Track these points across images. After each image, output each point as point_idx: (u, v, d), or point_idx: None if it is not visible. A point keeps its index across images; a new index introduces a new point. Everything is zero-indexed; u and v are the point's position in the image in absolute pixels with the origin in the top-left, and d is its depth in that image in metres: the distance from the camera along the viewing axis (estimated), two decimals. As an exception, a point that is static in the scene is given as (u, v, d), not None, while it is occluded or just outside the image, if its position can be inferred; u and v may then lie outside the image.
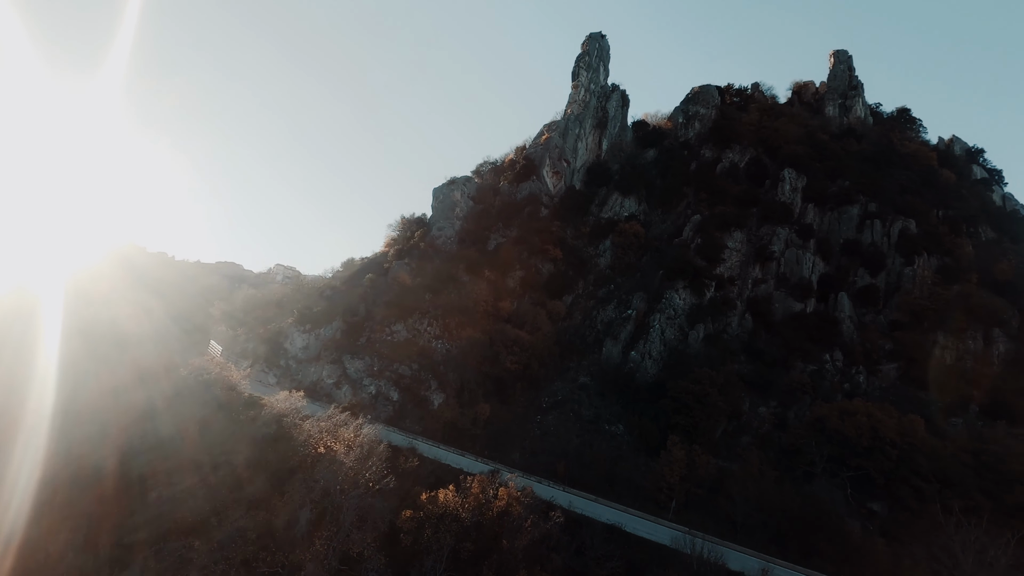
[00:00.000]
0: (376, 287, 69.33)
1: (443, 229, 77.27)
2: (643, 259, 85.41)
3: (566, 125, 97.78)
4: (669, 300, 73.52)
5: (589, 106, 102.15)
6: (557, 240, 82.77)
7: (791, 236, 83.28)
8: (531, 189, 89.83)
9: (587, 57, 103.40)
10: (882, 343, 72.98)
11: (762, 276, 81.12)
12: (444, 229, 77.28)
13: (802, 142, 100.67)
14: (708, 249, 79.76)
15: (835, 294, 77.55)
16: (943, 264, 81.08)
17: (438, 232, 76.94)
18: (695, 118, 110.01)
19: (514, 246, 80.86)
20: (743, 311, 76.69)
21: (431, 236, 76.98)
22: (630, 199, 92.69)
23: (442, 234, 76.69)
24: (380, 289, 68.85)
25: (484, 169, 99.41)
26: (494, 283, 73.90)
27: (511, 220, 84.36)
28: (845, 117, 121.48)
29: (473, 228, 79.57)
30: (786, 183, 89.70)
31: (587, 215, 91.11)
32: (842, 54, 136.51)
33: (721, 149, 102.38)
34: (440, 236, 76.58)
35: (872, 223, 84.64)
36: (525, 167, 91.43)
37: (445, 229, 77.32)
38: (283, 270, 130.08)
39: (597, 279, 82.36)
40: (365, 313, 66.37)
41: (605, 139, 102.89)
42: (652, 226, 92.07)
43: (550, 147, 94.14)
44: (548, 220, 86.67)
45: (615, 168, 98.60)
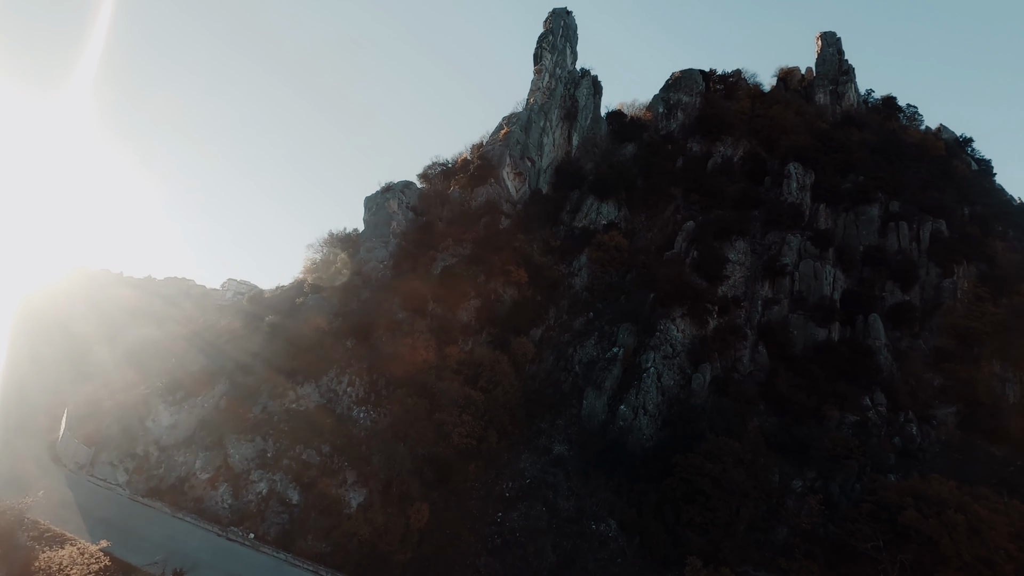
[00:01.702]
0: (280, 333, 51.84)
1: (374, 250, 60.00)
2: (627, 277, 69.63)
3: (529, 117, 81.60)
4: (664, 332, 57.86)
5: (555, 94, 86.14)
6: (522, 258, 66.40)
7: (805, 244, 68.61)
8: (489, 195, 73.34)
9: (551, 37, 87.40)
10: (928, 377, 58.73)
11: (773, 295, 66.20)
12: (376, 250, 60.03)
13: (801, 132, 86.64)
14: (707, 264, 64.44)
15: (864, 316, 63.07)
16: (983, 273, 67.58)
17: (368, 254, 59.63)
18: (677, 107, 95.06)
19: (467, 268, 64.14)
20: (755, 341, 61.56)
21: (359, 259, 59.58)
22: (608, 204, 76.95)
23: (373, 256, 59.41)
24: (286, 335, 51.38)
25: (433, 172, 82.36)
26: (441, 320, 57.08)
27: (464, 234, 67.64)
28: (837, 105, 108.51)
29: (414, 247, 62.60)
30: (792, 180, 75.19)
31: (557, 224, 75.01)
32: (830, 36, 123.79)
33: (710, 142, 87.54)
34: (370, 259, 59.28)
35: (897, 226, 70.66)
36: (481, 168, 74.88)
37: (377, 250, 60.07)
38: (235, 286, 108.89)
39: (572, 305, 66.26)
40: (262, 371, 48.84)
41: (575, 133, 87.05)
42: (636, 235, 76.49)
43: (510, 143, 77.82)
44: (510, 232, 70.26)
45: (588, 167, 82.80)
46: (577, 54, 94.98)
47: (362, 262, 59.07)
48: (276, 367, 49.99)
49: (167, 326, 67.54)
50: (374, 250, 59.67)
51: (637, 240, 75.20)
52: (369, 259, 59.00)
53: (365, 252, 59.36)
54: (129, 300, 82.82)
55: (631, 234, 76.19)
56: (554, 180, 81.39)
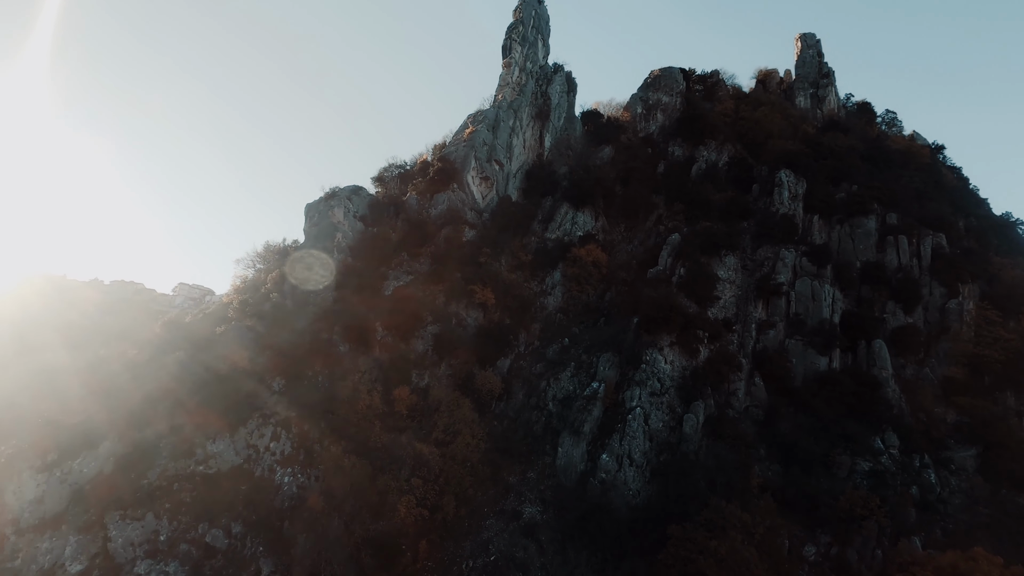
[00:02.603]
0: (191, 371, 42.34)
1: (314, 268, 50.78)
2: (607, 296, 62.15)
3: (497, 115, 73.32)
4: (651, 364, 50.43)
5: (526, 91, 78.13)
6: (488, 275, 58.06)
7: (800, 261, 62.22)
8: (450, 202, 64.79)
9: (521, 28, 79.33)
10: (940, 412, 52.82)
11: (768, 317, 59.55)
12: (315, 268, 50.82)
13: (787, 137, 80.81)
14: (696, 283, 57.30)
15: (867, 341, 56.87)
16: (986, 292, 62.41)
17: (305, 273, 50.37)
18: (657, 108, 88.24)
19: (424, 288, 55.56)
20: (750, 371, 54.68)
21: (294, 279, 50.26)
22: (584, 213, 69.30)
23: (311, 275, 50.19)
24: (197, 374, 41.92)
25: (389, 175, 73.21)
26: (391, 352, 48.40)
27: (421, 248, 58.97)
28: (818, 109, 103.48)
29: (362, 264, 53.62)
30: (784, 189, 68.86)
31: (528, 236, 66.93)
32: (809, 37, 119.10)
33: (693, 146, 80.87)
34: (308, 279, 50.06)
35: (896, 240, 64.94)
36: (442, 171, 66.19)
37: (316, 268, 50.86)
38: (187, 291, 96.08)
39: (545, 329, 58.30)
40: (163, 422, 39.30)
41: (548, 133, 79.25)
42: (615, 248, 69.09)
43: (476, 144, 69.40)
44: (474, 245, 61.86)
45: (562, 171, 75.05)
46: (550, 48, 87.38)
47: (298, 282, 49.77)
48: (182, 416, 40.52)
49: (80, 351, 56.60)
50: (313, 268, 50.42)
51: (617, 254, 67.77)
52: (307, 279, 49.73)
53: (302, 270, 50.06)
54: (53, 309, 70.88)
55: (610, 246, 68.74)
56: (524, 185, 73.38)
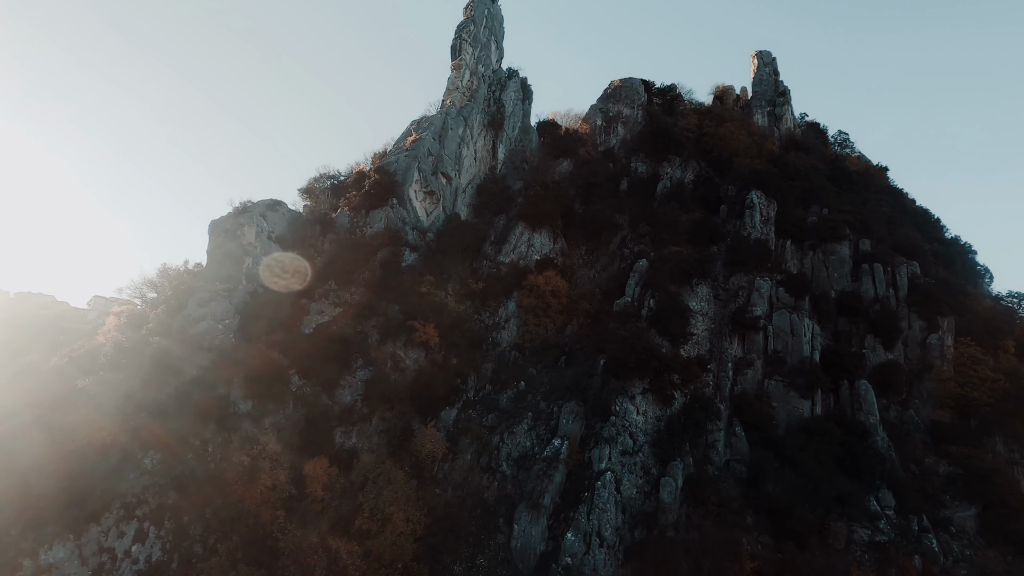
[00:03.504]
0: (34, 442, 31.94)
1: (212, 301, 40.89)
2: (568, 331, 54.92)
3: (444, 122, 65.26)
4: (621, 415, 43.31)
5: (477, 96, 70.50)
6: (432, 307, 49.69)
7: (776, 291, 56.96)
8: (389, 220, 56.06)
9: (472, 27, 71.76)
10: (932, 463, 48.14)
11: (744, 354, 53.84)
12: (214, 301, 40.95)
13: (752, 155, 76.55)
14: (669, 318, 50.80)
15: (849, 381, 51.95)
16: (964, 325, 59.02)
17: (200, 308, 40.40)
18: (618, 120, 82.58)
19: (354, 323, 46.61)
20: (729, 418, 48.49)
21: (186, 316, 40.16)
22: (541, 233, 62.03)
23: (208, 311, 40.31)
24: (40, 448, 31.56)
25: (320, 187, 63.90)
26: (309, 407, 39.18)
27: (352, 275, 49.98)
28: (775, 127, 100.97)
29: (276, 296, 44.17)
30: (755, 211, 63.84)
31: (479, 259, 59.02)
32: (765, 55, 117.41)
33: (657, 162, 75.32)
34: (204, 316, 40.14)
35: (872, 268, 60.88)
36: (380, 184, 57.41)
37: (217, 301, 41.01)
38: (102, 304, 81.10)
39: (498, 370, 50.36)
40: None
41: (501, 144, 71.82)
42: (575, 274, 62.10)
43: (420, 154, 61.05)
44: (416, 271, 53.38)
45: (517, 187, 67.66)
46: (503, 51, 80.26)
47: (191, 320, 39.77)
48: (16, 509, 30.11)
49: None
50: (211, 301, 40.55)
51: (578, 280, 60.76)
52: (202, 315, 39.82)
53: (196, 306, 40.08)
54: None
55: (569, 271, 61.69)
56: (475, 202, 65.48)
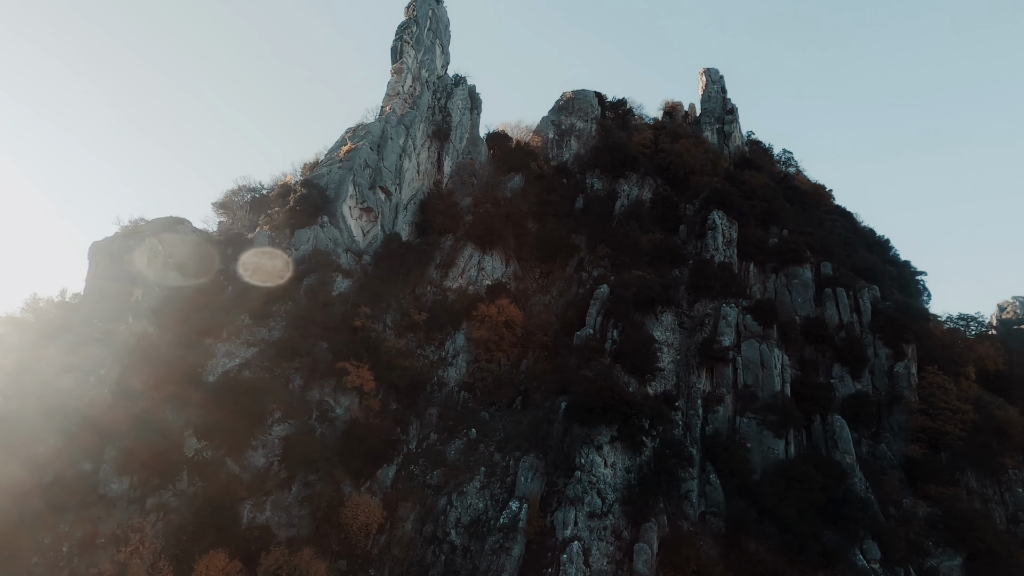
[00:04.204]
0: None
1: (86, 345, 32.51)
2: (523, 366, 49.25)
3: (383, 131, 58.58)
4: (588, 469, 37.87)
5: (420, 104, 64.23)
6: (367, 343, 42.77)
7: (744, 319, 53.49)
8: (319, 241, 48.71)
9: (414, 28, 65.61)
10: (911, 505, 45.27)
11: (713, 389, 49.74)
12: (90, 345, 32.56)
13: (707, 172, 74.00)
14: (634, 352, 45.97)
15: (821, 416, 48.78)
16: (924, 351, 57.50)
17: (68, 356, 31.87)
18: (571, 133, 78.40)
19: (272, 367, 39.06)
20: (702, 462, 43.96)
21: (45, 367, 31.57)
22: (493, 255, 56.34)
23: (78, 360, 31.88)
24: None
25: (238, 201, 55.73)
26: (209, 477, 31.43)
27: (271, 307, 42.35)
28: (725, 145, 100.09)
29: (172, 336, 36.10)
30: (718, 232, 60.57)
31: (422, 285, 52.49)
32: (713, 73, 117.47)
33: (613, 179, 71.46)
34: (73, 365, 31.68)
35: (835, 293, 58.63)
36: (308, 200, 50.01)
37: (92, 345, 32.65)
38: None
39: (445, 416, 43.91)
40: None
41: (447, 157, 65.75)
42: (530, 300, 56.60)
43: (355, 166, 54.08)
44: (351, 301, 46.30)
45: (465, 203, 61.68)
46: (450, 57, 74.44)
47: (54, 372, 31.27)
48: None
49: None
50: (83, 346, 32.18)
51: (533, 307, 55.26)
52: (69, 366, 31.40)
53: (61, 353, 31.62)
54: None
55: (523, 297, 56.17)
56: (418, 220, 58.95)
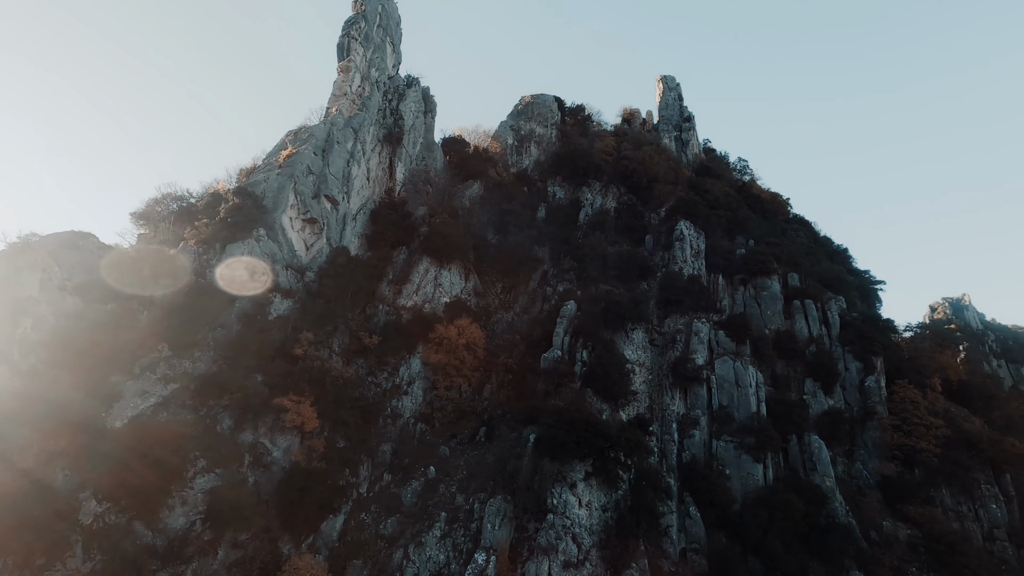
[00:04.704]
0: None
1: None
2: (486, 392, 45.16)
3: (329, 134, 53.44)
4: (561, 511, 34.12)
5: (370, 105, 59.38)
6: (310, 374, 37.70)
7: (716, 335, 51.14)
8: (254, 256, 43.14)
9: (363, 24, 60.75)
10: (891, 529, 43.59)
11: (688, 410, 46.97)
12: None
13: (670, 181, 72.22)
14: (606, 375, 42.65)
15: (797, 435, 46.78)
16: (891, 363, 56.83)
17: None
18: (531, 139, 75.09)
19: (196, 407, 33.49)
20: (680, 493, 40.90)
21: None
22: (451, 270, 52.08)
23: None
24: None
25: (162, 211, 49.36)
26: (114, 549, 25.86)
27: (195, 335, 36.68)
28: (683, 153, 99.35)
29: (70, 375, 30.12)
30: (686, 243, 58.36)
31: (374, 304, 47.68)
32: (670, 80, 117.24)
33: (576, 187, 68.58)
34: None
35: (804, 306, 57.28)
36: (241, 209, 44.37)
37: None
38: None
39: (399, 453, 39.30)
40: None
41: (400, 162, 61.07)
42: (491, 317, 52.61)
43: (297, 172, 48.78)
44: (292, 325, 41.02)
45: (420, 213, 57.16)
46: (401, 56, 69.81)
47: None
48: None
49: None
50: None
51: (495, 326, 51.28)
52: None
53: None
54: None
55: (484, 314, 52.15)
56: (369, 232, 54.01)
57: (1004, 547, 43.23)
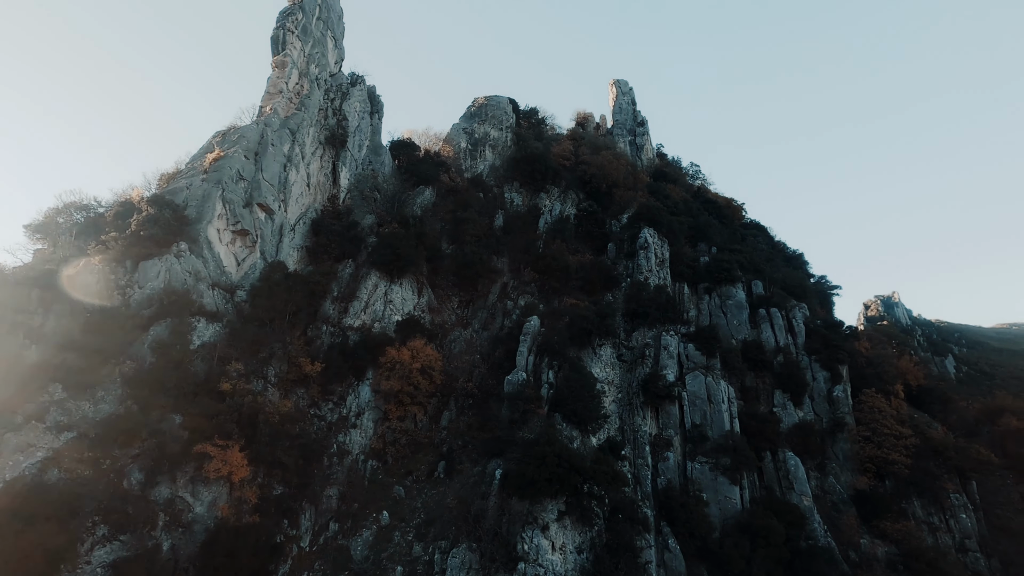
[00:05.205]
0: None
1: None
2: (444, 419, 41.01)
3: (263, 135, 47.97)
4: (533, 558, 30.42)
5: (309, 104, 54.15)
6: (240, 413, 32.52)
7: (685, 348, 48.80)
8: (174, 275, 37.50)
9: (300, 15, 55.41)
10: (867, 546, 42.15)
11: (660, 431, 44.30)
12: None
13: (629, 186, 70.16)
14: (576, 399, 39.26)
15: (771, 452, 44.94)
16: (856, 372, 56.26)
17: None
18: (485, 143, 71.38)
19: (94, 462, 27.93)
20: (656, 523, 38.00)
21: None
22: (403, 285, 47.61)
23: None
24: None
25: (64, 224, 42.62)
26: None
27: (97, 373, 30.96)
28: (638, 157, 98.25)
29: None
30: (650, 251, 55.98)
31: (316, 326, 42.66)
32: (623, 84, 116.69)
33: (534, 192, 65.33)
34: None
35: (769, 314, 55.95)
36: (159, 221, 38.55)
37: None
38: None
39: (348, 496, 34.63)
40: None
41: (344, 167, 56.05)
42: (447, 335, 48.42)
43: (225, 178, 43.21)
44: (218, 355, 35.63)
45: (368, 223, 52.35)
46: (344, 52, 64.69)
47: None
48: None
49: None
50: None
51: (452, 345, 47.16)
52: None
53: None
54: None
55: (440, 333, 47.92)
56: (310, 244, 48.78)
57: (976, 558, 42.57)
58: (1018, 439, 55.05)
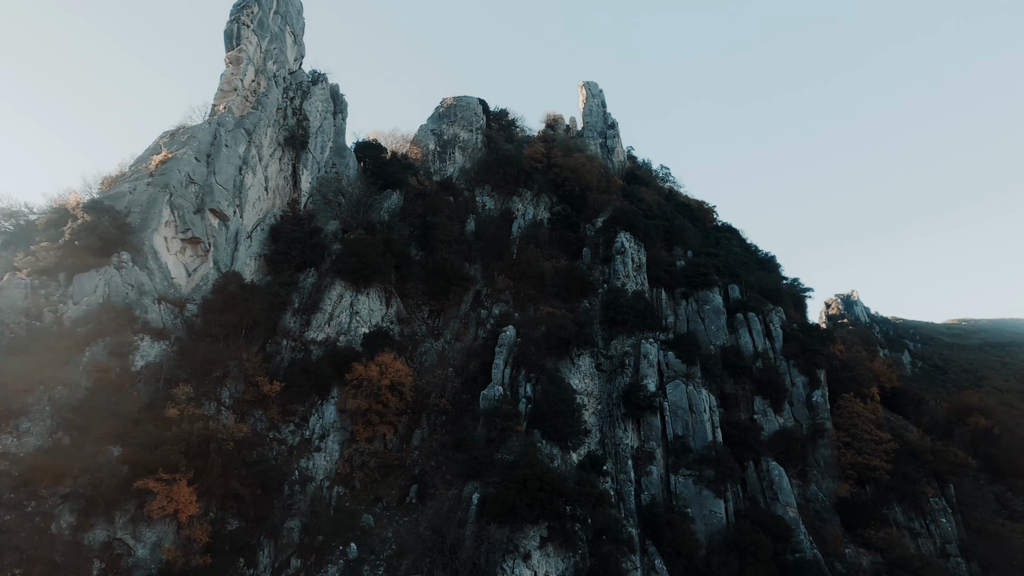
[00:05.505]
0: None
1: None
2: (416, 439, 38.49)
3: (216, 135, 44.57)
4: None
5: (267, 103, 50.86)
6: (190, 441, 29.32)
7: (665, 356, 47.38)
8: (113, 290, 34.00)
9: (255, 8, 52.05)
10: (854, 557, 41.37)
11: (642, 443, 42.72)
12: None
13: (603, 189, 68.87)
14: (555, 414, 37.26)
15: (754, 461, 43.85)
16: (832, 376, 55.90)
17: None
18: (454, 145, 69.00)
19: (16, 503, 24.50)
20: (641, 541, 36.27)
21: None
22: (369, 295, 44.84)
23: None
24: None
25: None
26: None
27: (22, 401, 27.43)
28: (609, 160, 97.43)
29: None
30: (627, 256, 54.54)
31: (276, 340, 39.55)
32: (593, 86, 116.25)
33: (506, 196, 63.29)
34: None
35: (747, 318, 55.16)
36: (96, 230, 34.93)
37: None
38: None
39: (312, 528, 31.76)
40: None
41: (306, 170, 52.88)
42: (418, 347, 45.84)
43: (173, 181, 39.75)
44: (165, 377, 32.34)
45: (332, 229, 49.33)
46: (304, 49, 61.43)
47: None
48: None
49: None
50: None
51: (424, 358, 44.60)
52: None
53: None
54: None
55: (411, 344, 45.36)
56: (269, 252, 45.50)
57: (958, 563, 42.35)
58: (987, 439, 55.81)
